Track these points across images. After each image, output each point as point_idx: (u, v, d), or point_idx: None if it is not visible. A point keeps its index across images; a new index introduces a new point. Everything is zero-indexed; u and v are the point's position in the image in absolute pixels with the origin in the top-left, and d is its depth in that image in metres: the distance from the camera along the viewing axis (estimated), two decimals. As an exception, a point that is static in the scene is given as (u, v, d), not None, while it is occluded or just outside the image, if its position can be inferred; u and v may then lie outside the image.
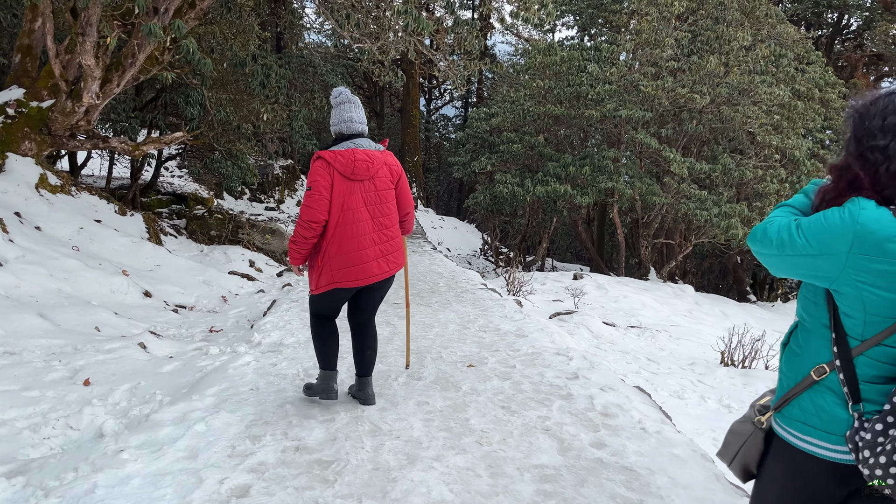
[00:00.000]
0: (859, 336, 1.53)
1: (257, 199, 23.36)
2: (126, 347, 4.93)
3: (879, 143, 1.51)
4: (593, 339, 7.69)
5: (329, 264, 3.39)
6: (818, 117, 16.78)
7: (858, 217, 1.47)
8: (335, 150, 3.43)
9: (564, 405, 3.68)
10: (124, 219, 8.97)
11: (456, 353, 4.81)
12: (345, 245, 3.39)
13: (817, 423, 1.58)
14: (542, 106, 16.30)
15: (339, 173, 3.39)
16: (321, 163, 3.39)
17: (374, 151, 3.52)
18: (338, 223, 3.38)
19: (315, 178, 3.38)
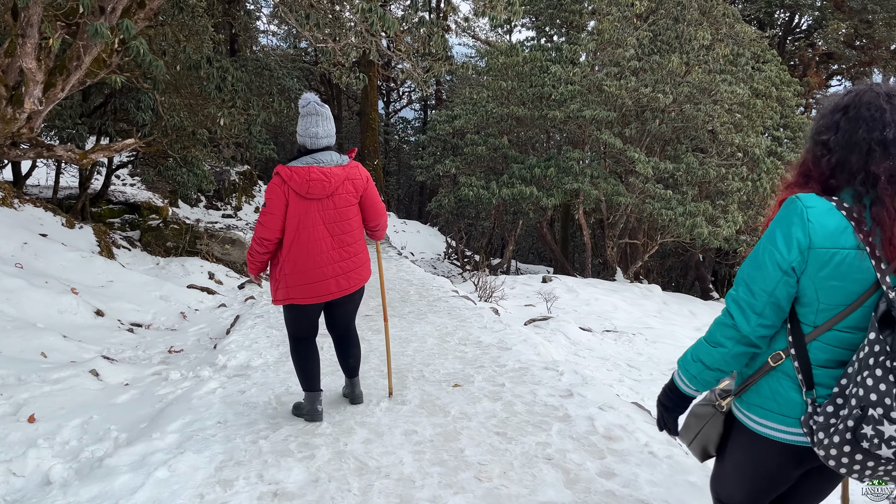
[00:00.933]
0: (812, 323, 1.62)
1: (214, 206, 22.68)
2: (76, 376, 4.49)
3: (823, 137, 1.65)
4: (571, 346, 7.45)
5: (285, 280, 3.37)
6: (776, 115, 16.97)
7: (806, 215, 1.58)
8: (293, 166, 3.31)
9: (564, 428, 3.40)
10: (72, 232, 8.43)
11: (439, 371, 4.50)
12: (300, 264, 3.33)
13: (774, 406, 1.66)
14: (506, 107, 16.11)
15: (293, 192, 3.28)
16: (277, 180, 3.31)
17: (334, 168, 3.38)
18: (293, 242, 3.32)
19: (270, 195, 3.32)
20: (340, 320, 3.69)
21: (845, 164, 1.60)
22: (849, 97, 1.65)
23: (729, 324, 1.67)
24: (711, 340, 1.71)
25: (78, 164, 8.78)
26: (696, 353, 1.75)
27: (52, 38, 7.01)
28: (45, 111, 8.04)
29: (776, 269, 1.60)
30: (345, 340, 3.74)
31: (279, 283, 3.39)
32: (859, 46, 25.01)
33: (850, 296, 1.56)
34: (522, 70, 16.17)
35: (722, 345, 1.68)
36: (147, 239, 10.36)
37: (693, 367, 1.76)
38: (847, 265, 1.54)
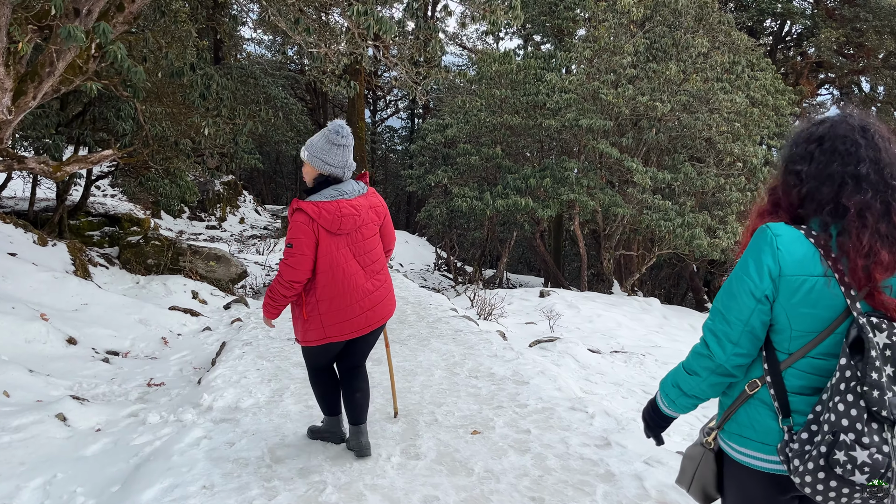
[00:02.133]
0: (786, 350, 1.63)
1: (198, 217, 22.10)
2: (40, 422, 3.95)
3: (797, 167, 1.67)
4: (581, 370, 6.99)
5: (320, 320, 3.15)
6: (772, 124, 16.70)
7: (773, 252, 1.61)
8: (319, 201, 3.08)
9: (610, 492, 2.92)
10: (45, 250, 7.86)
11: (453, 414, 4.00)
12: (336, 301, 3.13)
13: (752, 434, 1.66)
14: (499, 116, 15.70)
15: (323, 229, 3.06)
16: (303, 217, 3.03)
17: (360, 199, 3.21)
18: (328, 280, 3.10)
19: (297, 235, 3.03)
20: (358, 352, 3.43)
21: (815, 195, 1.63)
22: (823, 128, 1.67)
23: (705, 353, 1.69)
24: (689, 368, 1.73)
25: (51, 178, 8.22)
26: (675, 379, 1.77)
27: (21, 42, 6.48)
28: (16, 121, 7.47)
29: (750, 297, 1.61)
30: (354, 373, 3.43)
31: (311, 322, 3.16)
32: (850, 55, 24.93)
33: (822, 322, 1.58)
34: (516, 78, 15.78)
35: (697, 374, 1.70)
36: (126, 256, 9.78)
37: (672, 392, 1.78)
38: (816, 292, 1.57)
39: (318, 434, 3.54)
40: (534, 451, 3.38)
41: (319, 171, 3.13)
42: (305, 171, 3.20)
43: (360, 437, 3.35)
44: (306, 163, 3.17)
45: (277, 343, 6.06)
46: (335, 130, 3.16)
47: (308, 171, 3.18)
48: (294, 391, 4.48)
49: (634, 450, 3.35)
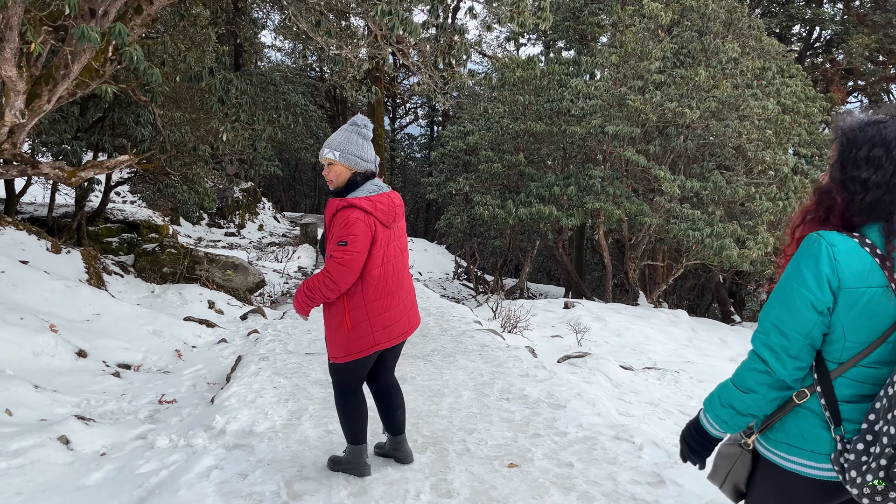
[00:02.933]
0: (837, 360, 1.60)
1: (216, 223, 21.99)
2: (41, 445, 3.67)
3: (862, 175, 1.58)
4: (614, 389, 6.62)
5: (370, 324, 2.95)
6: (804, 132, 16.23)
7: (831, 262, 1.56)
8: (368, 196, 2.94)
9: (671, 542, 2.57)
10: (58, 258, 7.64)
11: (486, 442, 3.67)
12: (386, 300, 2.99)
13: (802, 443, 1.63)
14: (522, 123, 15.37)
15: (380, 223, 2.93)
16: (359, 213, 2.86)
17: (392, 193, 3.11)
18: (380, 277, 2.95)
19: (353, 231, 2.84)
20: (392, 364, 3.29)
21: (880, 204, 1.57)
22: (889, 131, 1.57)
23: (762, 370, 1.64)
24: (743, 386, 1.67)
25: (66, 183, 7.99)
26: (727, 399, 1.70)
27: (34, 43, 6.25)
28: (30, 125, 7.28)
29: (811, 310, 1.57)
30: (390, 390, 3.29)
31: (359, 330, 2.94)
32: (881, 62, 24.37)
33: (876, 332, 1.55)
34: (540, 84, 15.47)
35: (755, 391, 1.65)
36: (141, 264, 9.55)
37: (723, 413, 1.71)
38: (875, 303, 1.53)
39: (340, 465, 3.23)
40: (579, 489, 3.03)
41: (355, 170, 2.96)
42: (336, 171, 2.97)
43: (404, 445, 3.35)
44: (338, 163, 2.95)
45: (295, 358, 5.76)
46: (362, 123, 3.03)
47: (340, 171, 2.97)
48: (313, 413, 4.17)
49: (692, 489, 3.00)
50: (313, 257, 17.43)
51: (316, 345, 6.44)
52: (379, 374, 3.24)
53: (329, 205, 2.95)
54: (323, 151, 2.97)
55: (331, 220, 2.93)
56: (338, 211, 2.89)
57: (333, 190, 3.00)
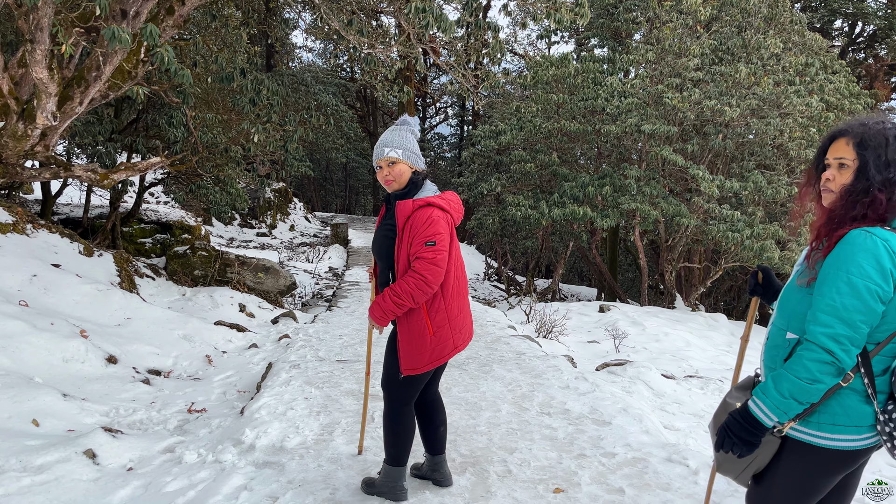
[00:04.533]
0: (875, 341, 1.75)
1: (248, 224, 22.07)
2: (66, 460, 3.55)
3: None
4: (656, 399, 6.34)
5: (449, 326, 2.87)
6: (848, 130, 15.64)
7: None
8: (438, 195, 2.90)
9: (739, 585, 2.33)
10: (90, 261, 7.59)
11: (529, 463, 3.45)
12: (459, 301, 2.95)
13: (846, 420, 1.77)
14: (555, 122, 15.08)
15: (453, 222, 2.91)
16: (439, 212, 2.79)
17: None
18: (455, 277, 2.91)
19: (438, 229, 2.75)
20: (439, 374, 3.18)
21: None
22: None
23: (828, 360, 1.69)
24: (807, 378, 1.72)
25: (98, 185, 7.98)
26: (788, 391, 1.74)
27: (64, 44, 6.19)
28: (62, 127, 7.25)
29: (877, 302, 1.69)
30: (434, 404, 3.16)
31: (441, 334, 2.84)
32: (927, 57, 23.54)
33: None
34: (574, 82, 15.16)
35: (821, 381, 1.71)
36: (173, 267, 9.50)
37: (784, 404, 1.75)
38: None
39: (376, 489, 3.04)
40: (632, 520, 2.81)
41: (415, 168, 2.89)
42: (399, 170, 2.84)
43: (444, 466, 3.21)
44: (402, 161, 2.84)
45: (327, 366, 5.60)
46: (413, 122, 2.97)
47: (403, 170, 2.86)
48: (346, 428, 3.99)
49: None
50: (344, 258, 17.35)
51: (347, 351, 6.28)
52: (425, 386, 3.07)
53: (401, 207, 2.79)
54: (384, 151, 2.83)
55: (406, 222, 2.77)
56: (414, 211, 2.77)
57: (393, 191, 2.88)
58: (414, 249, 2.72)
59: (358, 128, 32.44)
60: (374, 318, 2.82)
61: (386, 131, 2.92)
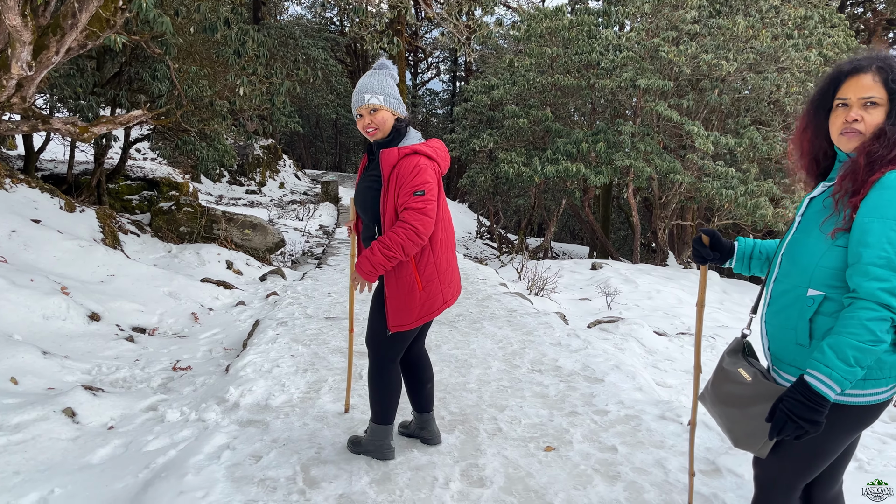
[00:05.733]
0: None
1: (237, 181, 21.79)
2: (44, 419, 3.45)
3: None
4: (648, 356, 6.30)
5: (439, 280, 2.75)
6: (846, 85, 15.39)
7: None
8: (424, 143, 2.73)
9: (735, 545, 2.27)
10: (72, 216, 7.41)
11: (520, 421, 3.37)
12: (447, 253, 2.81)
13: (878, 374, 1.68)
14: (549, 76, 14.79)
15: (440, 171, 2.76)
16: (425, 160, 2.64)
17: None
18: (443, 229, 2.77)
19: (426, 179, 2.61)
20: (424, 333, 3.06)
21: None
22: None
23: (887, 317, 1.57)
24: (871, 340, 1.57)
25: (78, 139, 7.72)
26: (855, 358, 1.58)
27: (36, -12, 5.92)
28: (38, 78, 6.98)
29: None
30: (420, 361, 3.05)
31: (430, 288, 2.72)
32: (926, 12, 23.17)
33: None
34: (568, 35, 14.83)
35: (884, 340, 1.59)
36: (158, 223, 9.31)
37: (850, 373, 1.59)
38: None
39: (362, 448, 2.95)
40: (625, 479, 2.73)
41: (397, 115, 2.71)
42: (382, 117, 2.67)
43: (432, 424, 3.12)
44: (384, 108, 2.66)
45: (315, 323, 5.50)
46: (392, 66, 2.76)
47: (386, 117, 2.68)
48: (332, 385, 3.90)
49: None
50: (334, 215, 17.17)
51: (336, 309, 6.18)
52: (412, 344, 2.96)
53: (386, 156, 2.62)
54: (364, 98, 2.63)
55: (391, 172, 2.62)
56: (400, 160, 2.61)
57: (377, 140, 2.71)
58: (402, 200, 2.58)
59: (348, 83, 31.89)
60: (362, 272, 2.66)
61: (364, 77, 2.72)
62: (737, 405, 1.83)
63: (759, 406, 1.75)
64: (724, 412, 1.89)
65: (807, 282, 1.72)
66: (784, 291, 1.78)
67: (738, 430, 1.83)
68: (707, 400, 1.99)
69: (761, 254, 2.05)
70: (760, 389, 1.76)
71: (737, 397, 1.83)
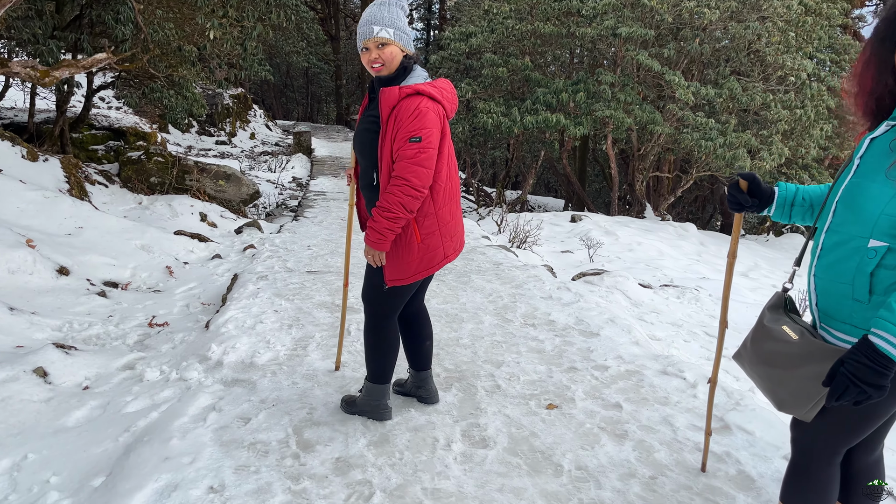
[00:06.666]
0: None
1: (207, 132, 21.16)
2: (14, 379, 3.24)
3: None
4: (633, 308, 6.24)
5: (440, 233, 2.54)
6: (824, 35, 15.32)
7: None
8: (429, 82, 2.47)
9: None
10: (35, 165, 7.05)
11: (518, 378, 3.25)
12: (451, 206, 2.59)
13: None
14: (528, 24, 14.42)
15: (445, 115, 2.48)
16: (429, 102, 2.38)
17: None
18: (447, 178, 2.53)
19: (425, 124, 2.35)
20: (423, 290, 2.90)
21: None
22: None
23: None
24: None
25: (39, 83, 7.31)
26: None
27: (-14, -83, 5.48)
28: (-8, 17, 6.54)
29: None
30: (419, 316, 2.89)
31: (430, 241, 2.52)
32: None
33: None
34: (549, -20, 14.42)
35: None
36: (127, 174, 8.94)
37: None
38: None
39: (357, 408, 2.80)
40: (633, 437, 2.63)
41: (406, 52, 2.47)
42: (390, 52, 2.43)
43: (429, 382, 2.97)
44: (393, 43, 2.41)
45: (297, 277, 5.31)
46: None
47: (394, 52, 2.43)
48: (320, 342, 3.74)
49: (765, 438, 2.60)
50: (308, 167, 16.78)
51: (317, 262, 5.99)
52: (410, 298, 2.79)
53: (386, 95, 2.38)
54: (372, 30, 2.38)
55: (391, 113, 2.38)
56: (401, 101, 2.36)
57: (380, 77, 2.46)
58: (397, 146, 2.36)
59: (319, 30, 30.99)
60: (371, 243, 2.44)
61: (371, 6, 2.44)
62: (781, 365, 1.67)
63: (807, 367, 1.60)
64: (767, 373, 1.73)
65: (868, 231, 1.54)
66: (839, 242, 1.61)
67: (783, 392, 1.68)
68: (744, 359, 1.84)
69: (805, 200, 1.87)
70: (810, 348, 1.61)
71: (782, 357, 1.68)
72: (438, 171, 2.46)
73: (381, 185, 2.44)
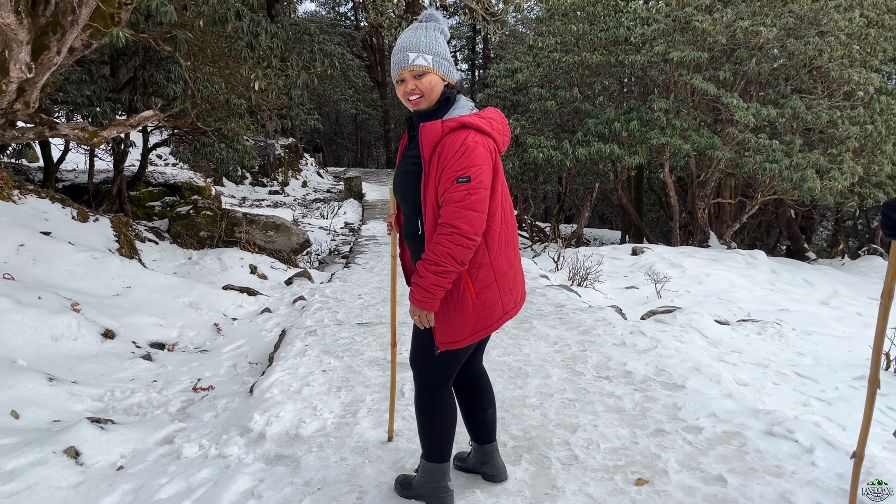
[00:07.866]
0: None
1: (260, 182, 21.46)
2: (42, 463, 2.98)
3: None
4: (711, 348, 5.69)
5: (496, 284, 2.18)
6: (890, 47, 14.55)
7: None
8: (476, 113, 2.12)
9: None
10: (85, 226, 7.00)
11: (597, 445, 2.82)
12: (509, 253, 2.24)
13: None
14: (575, 55, 14.12)
15: (497, 150, 2.12)
16: (478, 137, 2.04)
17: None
18: (502, 222, 2.19)
19: (474, 161, 2.01)
20: (481, 351, 2.53)
21: None
22: None
23: None
24: None
25: (87, 144, 7.33)
26: None
27: (30, -17, 5.48)
28: (41, 81, 6.57)
29: None
30: (479, 381, 2.51)
31: (487, 295, 2.16)
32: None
33: None
34: (594, 11, 14.15)
35: None
36: (176, 229, 8.89)
37: None
38: None
39: (414, 491, 2.42)
40: (747, 523, 2.18)
41: (448, 80, 2.14)
42: (430, 82, 2.11)
43: (496, 457, 2.56)
44: (431, 71, 2.09)
45: (347, 331, 5.00)
46: (442, 19, 2.15)
47: (434, 82, 2.10)
48: (371, 406, 3.39)
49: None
50: (359, 212, 16.71)
51: (368, 312, 5.68)
52: (468, 362, 2.43)
53: (427, 131, 2.05)
54: (408, 57, 2.07)
55: (433, 151, 2.04)
56: (444, 136, 2.03)
57: (420, 110, 2.14)
58: (442, 188, 2.01)
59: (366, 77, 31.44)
60: (417, 303, 2.10)
61: (407, 30, 2.12)
62: None
63: None
64: None
65: None
66: None
67: None
68: None
69: None
70: None
71: None
72: (492, 214, 2.11)
73: (427, 235, 2.09)
